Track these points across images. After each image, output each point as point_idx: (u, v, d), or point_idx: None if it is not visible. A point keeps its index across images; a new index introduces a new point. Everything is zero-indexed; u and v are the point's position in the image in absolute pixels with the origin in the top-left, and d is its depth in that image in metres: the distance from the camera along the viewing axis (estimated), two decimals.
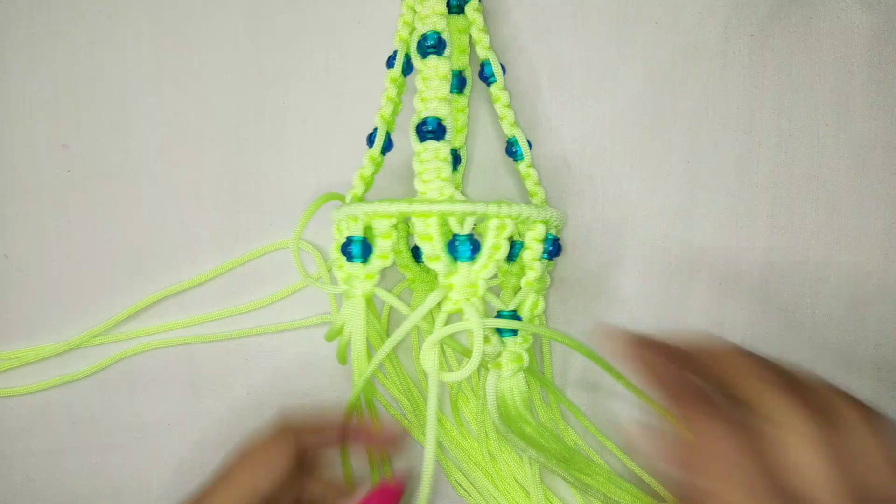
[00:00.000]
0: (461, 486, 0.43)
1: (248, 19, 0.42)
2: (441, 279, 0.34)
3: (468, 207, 0.34)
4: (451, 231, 0.34)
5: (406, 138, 0.36)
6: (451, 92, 0.40)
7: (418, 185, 0.35)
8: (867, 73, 0.40)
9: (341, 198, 0.40)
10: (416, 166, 0.35)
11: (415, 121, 0.35)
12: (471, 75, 0.40)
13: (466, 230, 0.34)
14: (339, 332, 0.37)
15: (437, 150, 0.35)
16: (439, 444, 0.43)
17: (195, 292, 0.44)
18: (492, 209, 0.34)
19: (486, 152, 0.42)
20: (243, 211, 0.43)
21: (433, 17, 0.36)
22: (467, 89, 0.40)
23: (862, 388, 0.42)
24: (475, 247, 0.34)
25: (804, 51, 0.40)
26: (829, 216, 0.41)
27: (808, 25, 0.40)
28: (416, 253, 0.41)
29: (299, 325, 0.44)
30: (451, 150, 0.41)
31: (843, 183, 0.41)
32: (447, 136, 0.35)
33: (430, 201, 0.34)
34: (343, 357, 0.39)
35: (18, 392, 0.45)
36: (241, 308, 0.44)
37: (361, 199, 0.39)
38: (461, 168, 0.41)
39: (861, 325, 0.42)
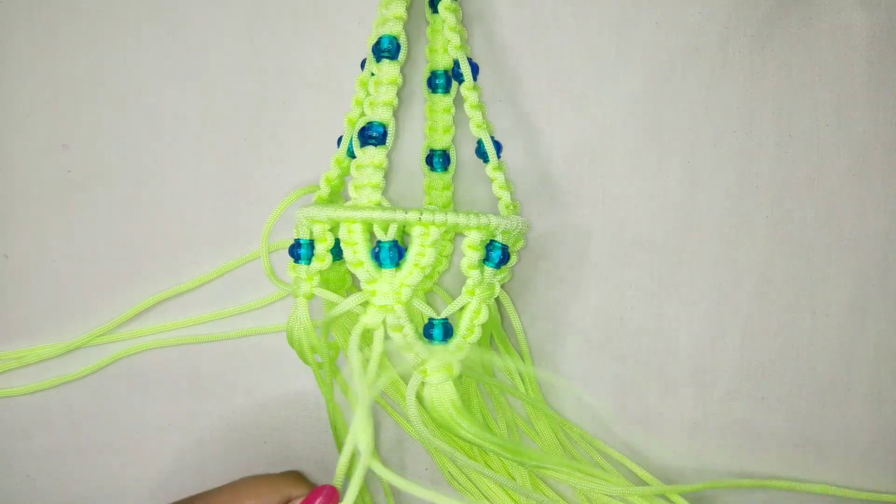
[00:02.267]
0: (455, 479, 0.43)
1: (248, 19, 0.42)
2: (363, 285, 0.34)
3: (388, 214, 0.34)
4: (375, 238, 0.34)
5: None
6: (436, 92, 0.40)
7: (350, 191, 0.35)
8: (867, 73, 0.40)
9: (317, 190, 0.40)
10: (353, 172, 0.35)
11: (359, 125, 0.35)
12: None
13: (390, 236, 0.34)
14: (290, 334, 0.38)
15: (373, 156, 0.35)
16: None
17: (195, 292, 0.44)
18: (412, 216, 0.34)
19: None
20: (243, 211, 0.43)
21: (391, 21, 0.36)
22: (453, 89, 0.40)
23: (862, 388, 0.42)
24: (399, 254, 0.34)
25: (804, 51, 0.40)
26: (829, 216, 0.41)
27: (808, 25, 0.40)
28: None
29: None
30: (441, 150, 0.41)
31: (843, 183, 0.41)
32: (387, 142, 0.35)
33: (354, 207, 0.34)
34: (304, 358, 0.39)
35: (18, 392, 0.45)
36: (241, 308, 0.44)
37: (329, 201, 0.39)
38: (451, 168, 0.41)
39: (861, 325, 0.42)
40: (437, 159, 0.41)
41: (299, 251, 0.37)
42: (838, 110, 0.41)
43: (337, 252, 0.37)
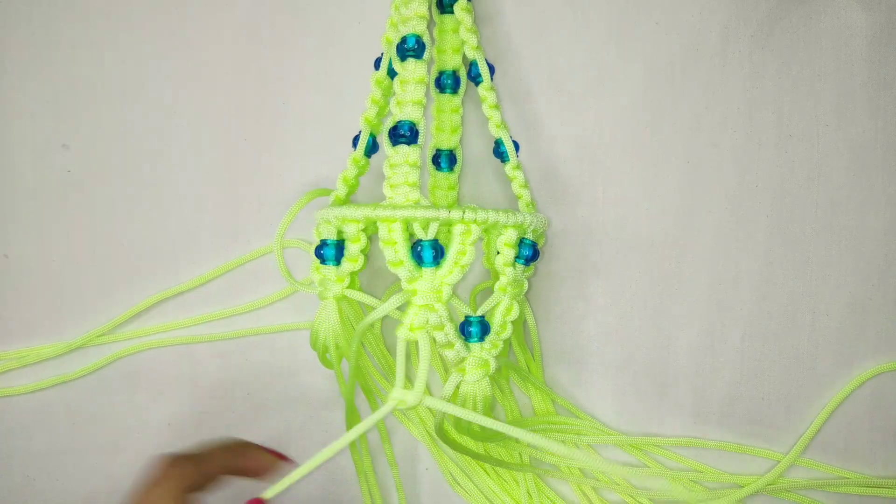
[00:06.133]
0: (456, 481, 0.43)
1: (247, 19, 0.42)
2: (404, 284, 0.34)
3: (431, 213, 0.34)
4: (415, 236, 0.34)
5: None
6: (444, 92, 0.40)
7: (386, 190, 0.35)
8: (867, 73, 0.40)
9: (329, 193, 0.40)
10: (386, 171, 0.35)
11: (389, 124, 0.36)
12: (465, 75, 0.40)
13: (430, 235, 0.34)
14: (316, 336, 0.38)
15: (407, 155, 0.35)
16: (433, 438, 0.43)
17: (195, 292, 0.44)
18: (455, 215, 0.34)
19: (485, 152, 0.42)
20: (243, 211, 0.43)
21: (414, 19, 0.36)
22: (461, 89, 0.40)
23: (862, 388, 0.42)
24: (439, 252, 0.34)
25: (804, 51, 0.40)
26: (829, 216, 0.41)
27: (808, 25, 0.40)
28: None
29: (299, 326, 0.44)
30: (448, 150, 0.41)
31: (843, 183, 0.41)
32: (419, 141, 0.35)
33: (394, 206, 0.34)
34: (325, 360, 0.39)
35: (18, 392, 0.45)
36: (241, 308, 0.44)
37: (345, 201, 0.39)
38: (457, 168, 0.41)
39: (861, 325, 0.42)
40: (444, 159, 0.41)
41: (326, 252, 0.37)
42: (838, 110, 0.41)
43: (342, 254, 0.37)
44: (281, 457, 0.36)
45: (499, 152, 0.39)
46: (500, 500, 0.43)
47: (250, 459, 0.36)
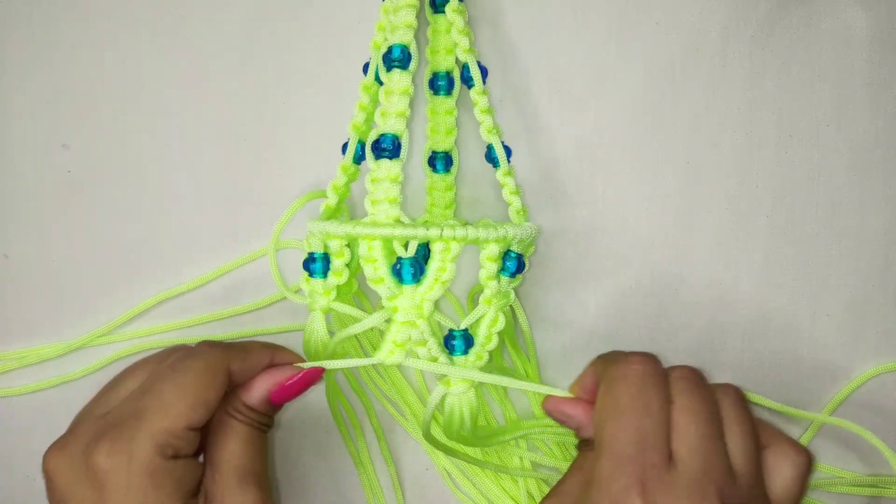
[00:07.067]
0: (450, 477, 0.43)
1: (248, 19, 0.42)
2: (385, 302, 0.34)
3: (409, 232, 0.33)
4: (395, 253, 0.34)
5: None
6: (438, 94, 0.39)
7: (367, 206, 0.35)
8: (867, 73, 0.40)
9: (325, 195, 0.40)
10: (368, 185, 0.35)
11: (372, 137, 0.35)
12: (459, 76, 0.40)
13: (410, 253, 0.34)
14: (308, 344, 0.38)
15: (389, 169, 0.35)
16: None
17: (195, 292, 0.44)
18: (433, 233, 0.33)
19: (482, 153, 0.42)
20: (243, 211, 0.43)
21: (401, 29, 0.35)
22: (455, 91, 0.40)
23: (862, 388, 0.42)
24: (419, 270, 0.34)
25: (804, 51, 0.40)
26: (829, 216, 0.41)
27: (808, 25, 0.40)
28: None
29: (299, 327, 0.44)
30: (443, 152, 0.40)
31: (843, 183, 0.41)
32: (402, 155, 0.35)
33: (375, 224, 0.34)
34: None
35: (18, 392, 0.45)
36: (241, 308, 0.44)
37: (336, 210, 0.39)
38: (454, 170, 0.41)
39: (861, 325, 0.42)
40: (440, 161, 0.41)
41: (314, 266, 0.37)
42: (838, 110, 0.41)
43: (328, 267, 0.37)
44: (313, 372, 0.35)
45: (490, 157, 0.39)
46: (499, 501, 0.43)
47: (285, 358, 0.35)
